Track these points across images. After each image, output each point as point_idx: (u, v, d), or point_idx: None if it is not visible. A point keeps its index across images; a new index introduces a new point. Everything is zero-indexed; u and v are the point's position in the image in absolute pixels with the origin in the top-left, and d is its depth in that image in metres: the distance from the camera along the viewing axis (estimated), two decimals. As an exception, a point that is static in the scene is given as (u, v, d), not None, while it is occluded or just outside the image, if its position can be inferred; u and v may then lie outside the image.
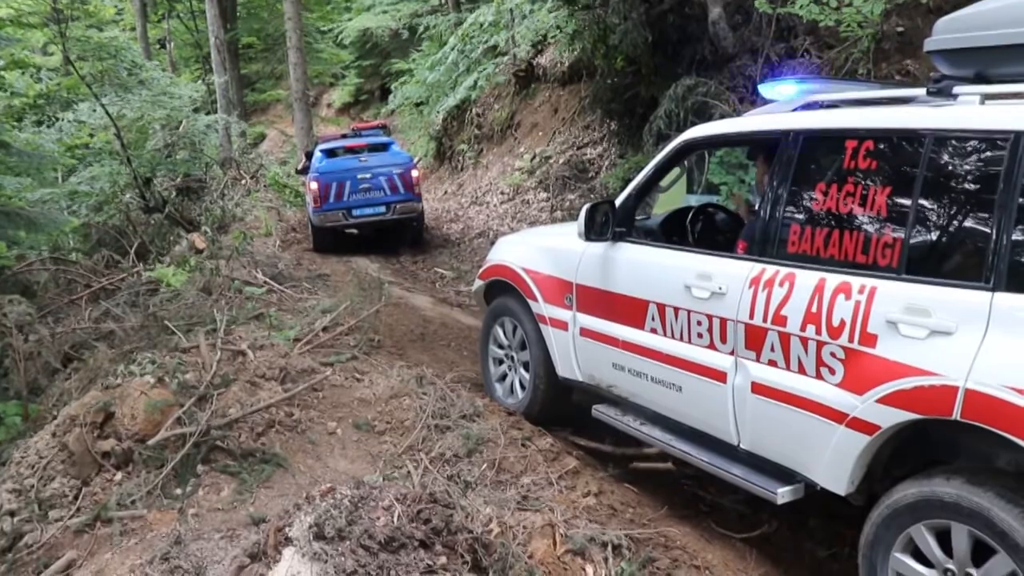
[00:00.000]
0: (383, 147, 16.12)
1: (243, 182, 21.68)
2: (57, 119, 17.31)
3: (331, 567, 3.47)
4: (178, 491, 5.10)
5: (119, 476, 5.23)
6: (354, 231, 15.29)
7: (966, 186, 3.67)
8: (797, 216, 4.31)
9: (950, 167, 3.72)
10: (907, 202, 3.79)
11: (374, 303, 9.30)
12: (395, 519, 3.75)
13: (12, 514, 4.90)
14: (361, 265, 13.96)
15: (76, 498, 5.05)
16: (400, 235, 15.67)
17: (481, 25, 20.68)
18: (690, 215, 5.83)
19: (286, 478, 5.31)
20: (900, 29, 10.59)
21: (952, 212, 3.70)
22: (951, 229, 3.70)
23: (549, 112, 18.91)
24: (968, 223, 3.62)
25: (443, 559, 3.67)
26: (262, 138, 38.27)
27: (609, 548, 4.25)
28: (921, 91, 4.20)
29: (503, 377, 6.80)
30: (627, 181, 5.67)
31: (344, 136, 17.45)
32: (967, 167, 3.67)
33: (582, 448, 5.97)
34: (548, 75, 19.71)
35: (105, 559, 4.39)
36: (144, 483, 5.10)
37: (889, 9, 10.02)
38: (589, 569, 4.10)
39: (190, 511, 4.86)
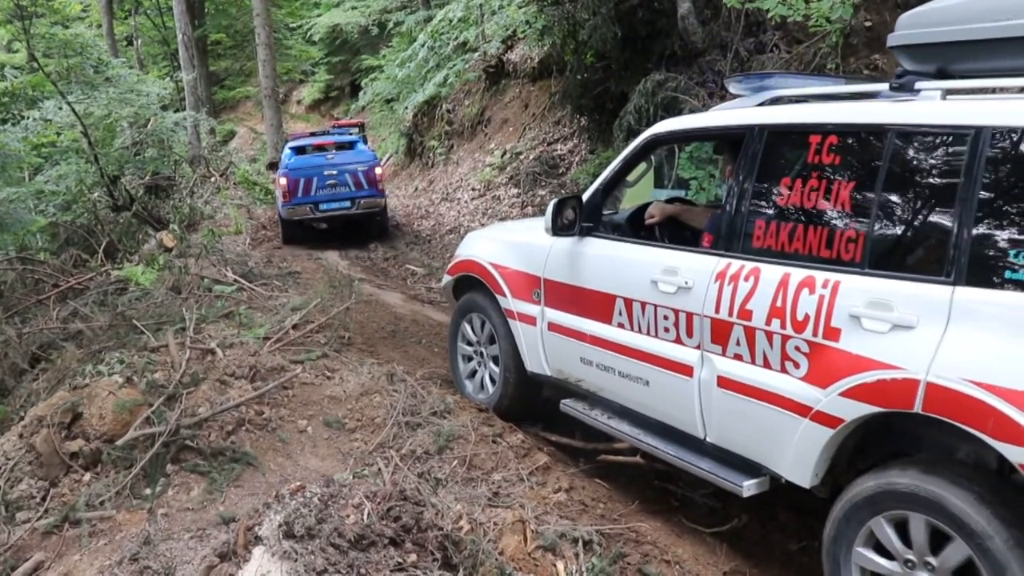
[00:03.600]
0: (350, 145, 16.99)
1: (212, 180, 21.60)
2: (23, 117, 17.05)
3: (301, 566, 3.47)
4: (147, 491, 5.07)
5: (87, 477, 5.20)
6: (323, 225, 15.91)
7: (928, 181, 3.72)
8: (762, 211, 4.34)
9: (912, 162, 3.78)
10: (870, 197, 3.84)
11: (344, 300, 9.28)
12: (365, 517, 3.75)
13: (-22, 517, 4.87)
14: (332, 262, 13.93)
15: (44, 499, 5.02)
16: (366, 229, 16.19)
17: (451, 21, 20.64)
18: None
19: (256, 477, 5.29)
20: (868, 23, 10.68)
21: (914, 207, 3.74)
22: (913, 224, 3.73)
23: (519, 108, 18.93)
24: (930, 218, 3.65)
25: (413, 556, 3.68)
26: (232, 135, 38.09)
27: (580, 544, 4.27)
28: (885, 86, 4.22)
29: (472, 373, 6.82)
30: (597, 176, 5.68)
31: (313, 134, 18.35)
32: (928, 162, 3.73)
33: (553, 444, 5.99)
34: (518, 71, 19.74)
35: (74, 560, 4.37)
36: (113, 483, 5.07)
37: (857, 3, 10.10)
38: (560, 565, 4.11)
39: (159, 511, 4.83)
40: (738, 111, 4.79)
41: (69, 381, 6.19)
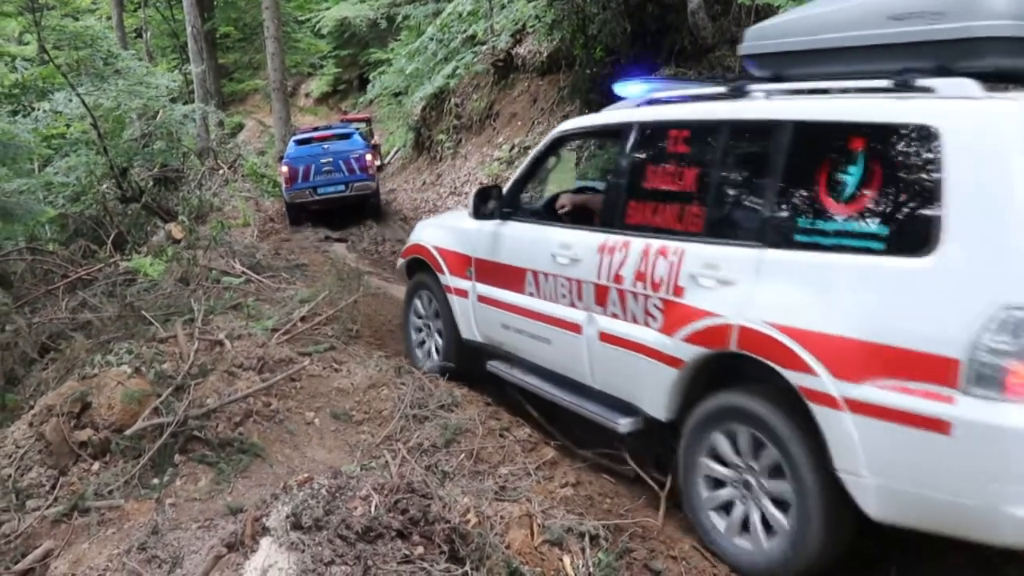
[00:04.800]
0: (346, 136, 18.56)
1: (221, 172, 21.62)
2: (33, 109, 17.12)
3: (308, 557, 3.48)
4: (155, 481, 5.09)
5: (96, 466, 5.22)
6: (317, 207, 17.43)
7: (749, 165, 4.66)
8: (633, 193, 5.23)
9: (739, 150, 4.72)
10: (709, 179, 4.75)
11: (352, 293, 9.29)
12: (372, 509, 3.76)
13: (-11, 504, 4.89)
14: (339, 255, 13.94)
15: (53, 488, 5.04)
16: (361, 210, 17.88)
17: (460, 15, 20.63)
18: (566, 197, 6.73)
19: (263, 468, 5.30)
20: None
21: (739, 186, 4.69)
22: (738, 199, 4.68)
23: (528, 102, 18.88)
24: (749, 195, 4.59)
25: (420, 549, 3.68)
26: (240, 128, 38.08)
27: (586, 538, 4.25)
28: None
29: (422, 344, 7.61)
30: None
31: (316, 128, 19.96)
32: (751, 150, 4.66)
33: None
34: (527, 65, 19.68)
35: (82, 549, 4.39)
36: (121, 473, 5.08)
37: None
38: (566, 559, 4.11)
39: (167, 501, 4.85)
40: (621, 111, 5.66)
41: (78, 371, 6.22)
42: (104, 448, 5.30)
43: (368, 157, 17.79)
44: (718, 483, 4.49)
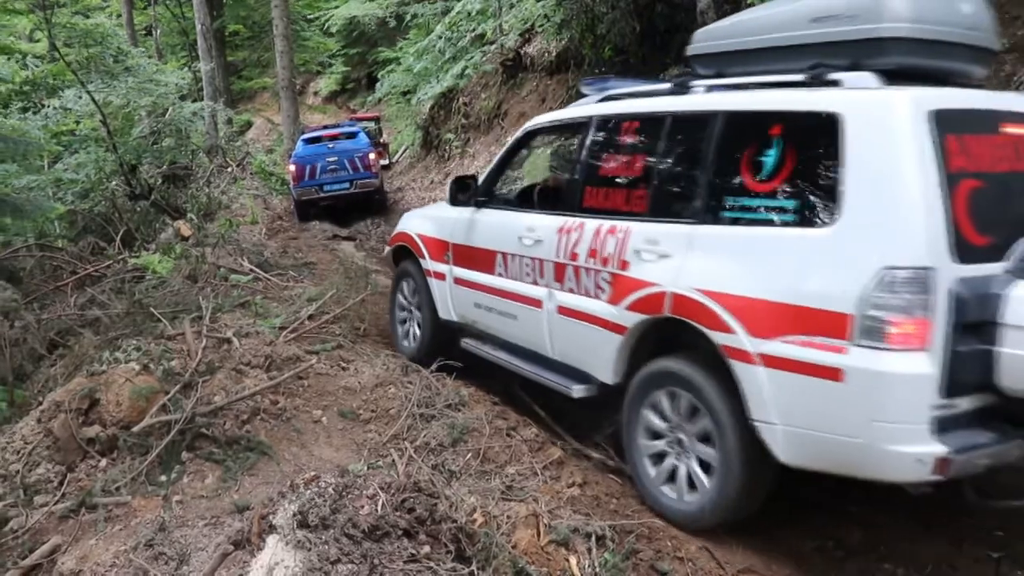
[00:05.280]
0: (352, 135, 19.39)
1: (229, 170, 21.64)
2: (43, 106, 17.16)
3: (315, 555, 3.48)
4: (162, 478, 5.10)
5: (104, 462, 5.23)
6: (328, 203, 18.40)
7: (687, 152, 5.16)
8: (590, 179, 5.83)
9: (679, 139, 5.23)
10: (653, 165, 5.36)
11: (360, 292, 9.30)
12: (379, 508, 3.76)
13: (-3, 499, 4.90)
14: (347, 254, 13.95)
15: (61, 484, 5.05)
16: (366, 206, 18.85)
17: (469, 14, 20.65)
18: (538, 186, 7.34)
19: (270, 466, 5.31)
20: None
21: (678, 170, 5.23)
22: (677, 183, 5.22)
23: (536, 101, 18.85)
24: (686, 178, 5.11)
25: (427, 548, 3.69)
26: (248, 126, 38.15)
27: (593, 539, 4.26)
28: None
29: (404, 323, 8.10)
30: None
31: (325, 127, 21.16)
32: (689, 139, 5.15)
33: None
34: (535, 64, 19.66)
35: (89, 545, 4.39)
36: (128, 470, 5.09)
37: None
38: (573, 560, 4.11)
39: (174, 498, 4.86)
40: (583, 107, 6.29)
41: (86, 367, 6.22)
42: (112, 445, 5.31)
43: (372, 155, 18.67)
44: (656, 435, 5.01)
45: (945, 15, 4.58)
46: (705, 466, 4.66)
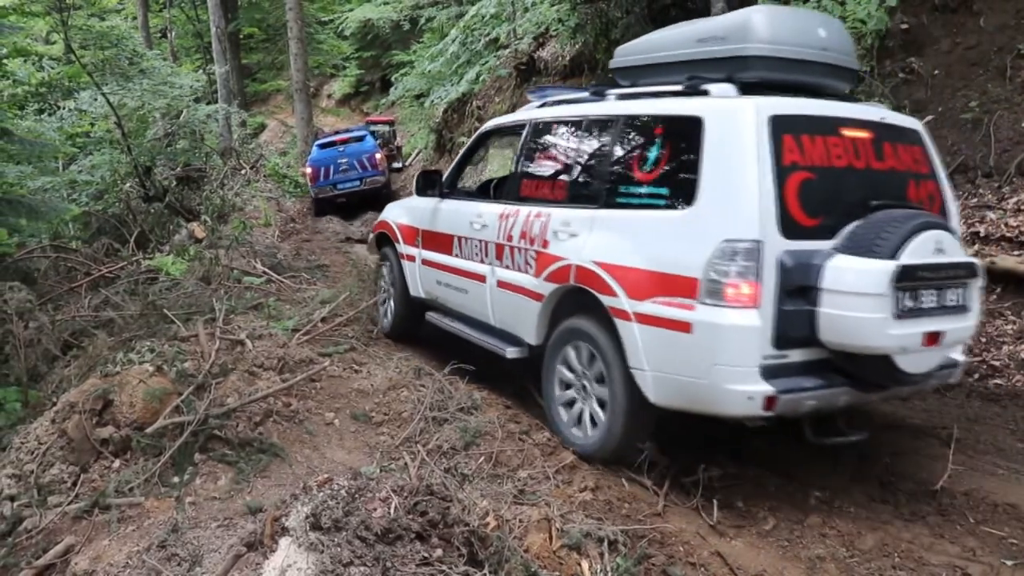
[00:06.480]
0: (360, 139, 21.75)
1: (243, 172, 21.69)
2: (59, 107, 17.21)
3: (327, 557, 3.48)
4: (175, 479, 5.11)
5: (117, 463, 5.24)
6: (343, 200, 20.71)
7: (596, 149, 6.08)
8: (525, 173, 6.79)
9: (591, 138, 6.21)
10: (571, 161, 6.38)
11: (373, 295, 9.30)
12: (392, 511, 3.76)
13: (12, 499, 4.92)
14: (360, 256, 13.95)
15: (75, 484, 5.07)
16: (374, 200, 20.07)
17: (483, 17, 20.65)
18: (495, 180, 8.12)
19: (283, 468, 5.32)
20: (904, 26, 10.58)
21: (589, 164, 6.13)
22: (587, 175, 6.10)
23: (550, 106, 18.81)
24: (594, 170, 6.02)
25: (439, 551, 3.68)
26: (262, 128, 38.23)
27: (605, 543, 4.25)
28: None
29: (385, 306, 8.98)
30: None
31: (337, 132, 23.97)
32: (598, 138, 6.09)
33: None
34: (549, 68, 19.63)
35: (103, 545, 4.41)
36: (142, 471, 5.11)
37: (893, 7, 10.01)
38: (584, 564, 4.10)
39: (187, 499, 4.87)
40: (524, 112, 7.29)
41: (100, 368, 6.24)
42: (125, 446, 5.33)
43: (378, 156, 21.20)
44: (567, 385, 5.92)
45: (802, 38, 5.49)
46: (602, 405, 5.55)
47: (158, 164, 19.16)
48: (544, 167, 6.70)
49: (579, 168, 6.24)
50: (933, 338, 4.88)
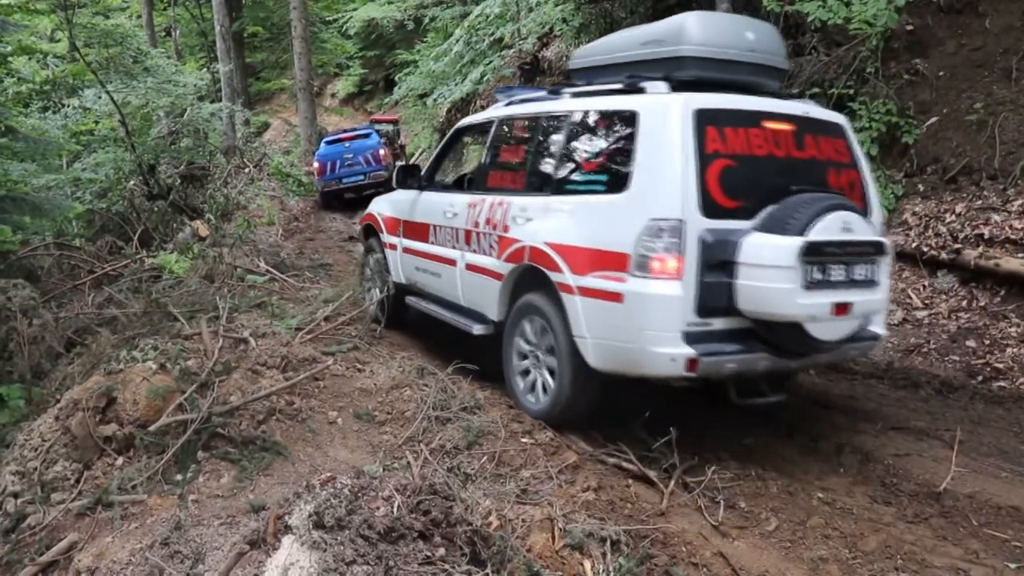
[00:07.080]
0: (365, 136, 22.71)
1: (246, 170, 21.70)
2: (63, 105, 17.21)
3: (330, 556, 3.48)
4: (178, 477, 5.12)
5: (120, 461, 5.25)
6: (350, 195, 21.59)
7: (551, 143, 6.68)
8: (492, 165, 7.49)
9: (549, 133, 6.75)
10: (528, 154, 6.94)
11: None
12: (395, 510, 3.76)
13: (15, 496, 4.93)
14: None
15: (78, 481, 5.07)
16: (377, 193, 19.09)
17: (487, 17, 20.66)
18: (468, 173, 8.81)
19: (286, 466, 5.32)
20: (910, 27, 10.58)
21: (544, 157, 6.72)
22: (540, 166, 6.73)
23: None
24: (546, 163, 6.65)
25: (442, 551, 3.68)
26: (266, 127, 38.27)
27: (608, 543, 4.25)
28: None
29: (369, 291, 9.56)
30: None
31: (344, 130, 24.62)
32: (553, 133, 6.67)
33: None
34: (554, 68, 19.66)
35: (106, 542, 4.41)
36: (145, 468, 5.11)
37: (900, 7, 9.99)
38: (587, 564, 4.10)
39: (190, 497, 4.87)
40: (493, 110, 7.92)
41: (104, 366, 6.23)
42: (128, 443, 5.33)
43: (381, 152, 22.17)
44: (523, 356, 6.51)
45: (730, 40, 6.05)
46: (552, 373, 6.12)
47: (162, 162, 19.15)
48: (507, 160, 7.46)
49: (536, 160, 6.83)
50: (842, 308, 5.39)
